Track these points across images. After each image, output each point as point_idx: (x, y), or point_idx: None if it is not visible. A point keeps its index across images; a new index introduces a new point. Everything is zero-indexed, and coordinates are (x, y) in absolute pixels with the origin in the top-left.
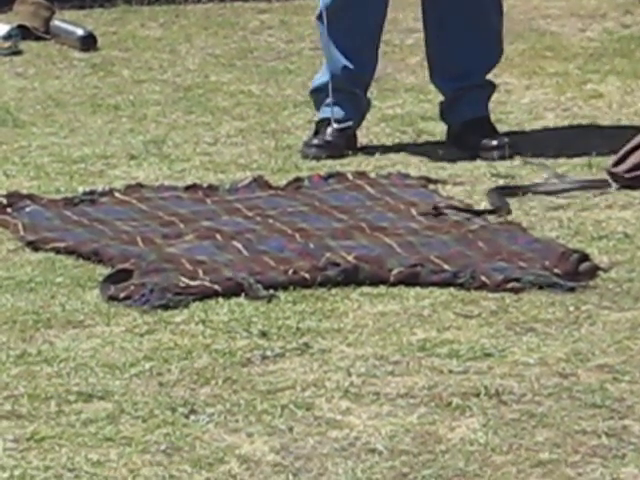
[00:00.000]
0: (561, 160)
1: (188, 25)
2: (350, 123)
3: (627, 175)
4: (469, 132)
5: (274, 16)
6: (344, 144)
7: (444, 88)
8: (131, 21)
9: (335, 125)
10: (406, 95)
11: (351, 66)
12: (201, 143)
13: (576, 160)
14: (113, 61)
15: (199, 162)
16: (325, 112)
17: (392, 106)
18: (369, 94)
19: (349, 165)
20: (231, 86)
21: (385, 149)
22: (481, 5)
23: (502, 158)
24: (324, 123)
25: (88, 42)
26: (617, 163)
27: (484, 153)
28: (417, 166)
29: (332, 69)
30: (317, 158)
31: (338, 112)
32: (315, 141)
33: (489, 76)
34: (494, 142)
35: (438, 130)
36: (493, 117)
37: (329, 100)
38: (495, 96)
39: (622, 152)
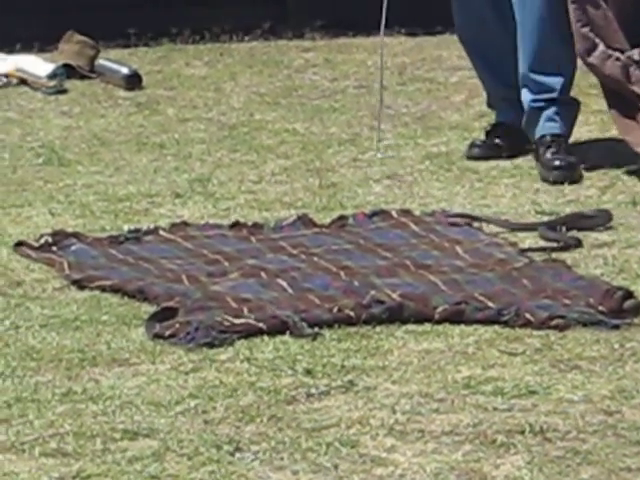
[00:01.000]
0: (605, 197)
1: (233, 63)
2: None
3: None
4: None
5: (318, 54)
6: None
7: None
8: (176, 60)
9: None
10: (450, 133)
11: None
12: (246, 181)
13: (620, 197)
14: (158, 100)
15: (244, 200)
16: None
17: (436, 144)
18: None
19: (394, 203)
20: (276, 124)
21: (429, 187)
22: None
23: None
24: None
25: (133, 81)
26: None
27: (545, 172)
28: (461, 204)
29: None
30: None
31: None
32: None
33: None
34: (557, 162)
35: (482, 168)
36: None
37: None
38: None
39: None
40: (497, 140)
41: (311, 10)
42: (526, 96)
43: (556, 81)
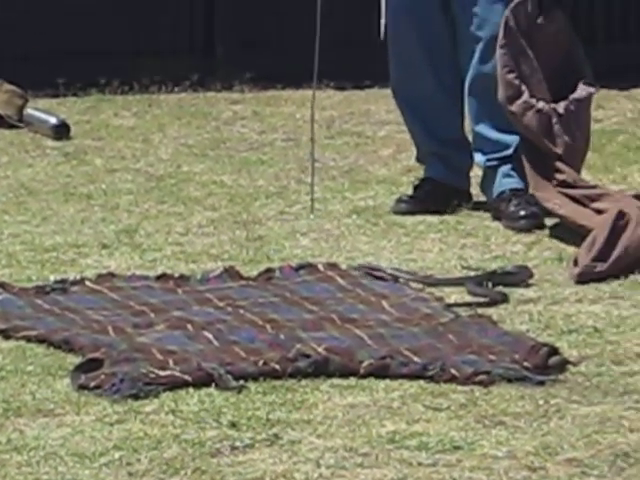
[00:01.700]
0: (531, 253)
1: (161, 115)
2: None
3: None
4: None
5: (247, 107)
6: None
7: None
8: (104, 110)
9: None
10: (378, 187)
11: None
12: (173, 233)
13: (546, 254)
14: (86, 150)
15: (171, 252)
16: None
17: (364, 198)
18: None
19: (320, 256)
20: (203, 176)
21: (356, 241)
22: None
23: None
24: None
25: (61, 131)
26: (597, 259)
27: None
28: (388, 258)
29: None
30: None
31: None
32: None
33: None
34: (522, 212)
35: (409, 223)
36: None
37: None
38: None
39: (598, 248)
40: (424, 195)
41: (240, 62)
42: (479, 157)
43: (510, 139)
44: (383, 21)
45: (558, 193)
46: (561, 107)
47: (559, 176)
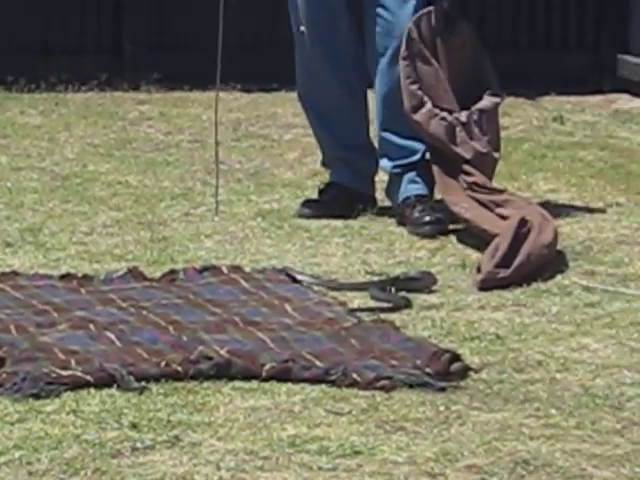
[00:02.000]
0: (435, 259)
1: (67, 113)
2: None
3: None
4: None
5: (154, 107)
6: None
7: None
8: (10, 108)
9: None
10: (283, 190)
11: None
12: (77, 232)
13: (450, 260)
14: None
15: (74, 251)
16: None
17: (269, 201)
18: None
19: (224, 259)
20: (109, 176)
21: (261, 243)
22: None
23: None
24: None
25: None
26: (500, 265)
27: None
28: (292, 262)
29: None
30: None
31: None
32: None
33: None
34: (426, 218)
35: (314, 226)
36: None
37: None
38: None
39: (500, 254)
40: (329, 199)
41: (147, 63)
42: (385, 162)
43: (417, 145)
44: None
45: (467, 197)
46: (464, 116)
47: (468, 179)
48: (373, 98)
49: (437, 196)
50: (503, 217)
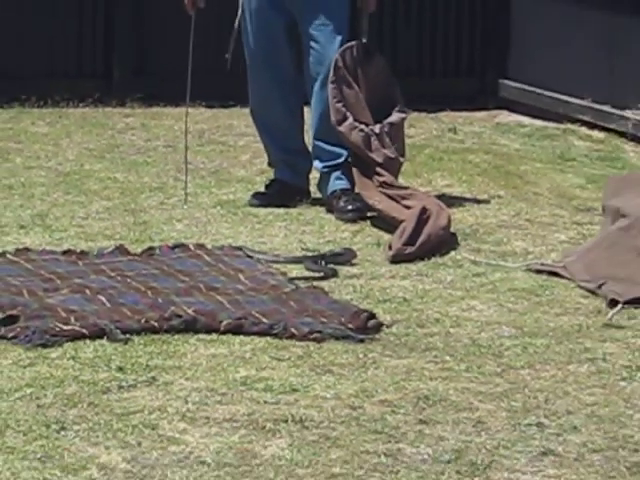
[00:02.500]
0: (356, 239)
1: (69, 124)
2: None
3: (408, 250)
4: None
5: (136, 119)
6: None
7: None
8: (23, 120)
9: None
10: (238, 185)
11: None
12: (76, 217)
13: (368, 240)
14: (9, 151)
15: (74, 232)
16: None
17: (226, 193)
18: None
19: (191, 238)
20: (101, 173)
21: (220, 227)
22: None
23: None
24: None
25: None
26: (406, 244)
27: (341, 215)
28: (244, 241)
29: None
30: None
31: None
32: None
33: None
34: (349, 207)
35: (261, 213)
36: None
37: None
38: None
39: (407, 235)
40: (273, 192)
41: (132, 85)
42: (317, 163)
43: (341, 151)
44: (228, 56)
45: (379, 192)
46: (377, 128)
47: (379, 178)
48: (309, 113)
49: (356, 190)
50: (408, 207)
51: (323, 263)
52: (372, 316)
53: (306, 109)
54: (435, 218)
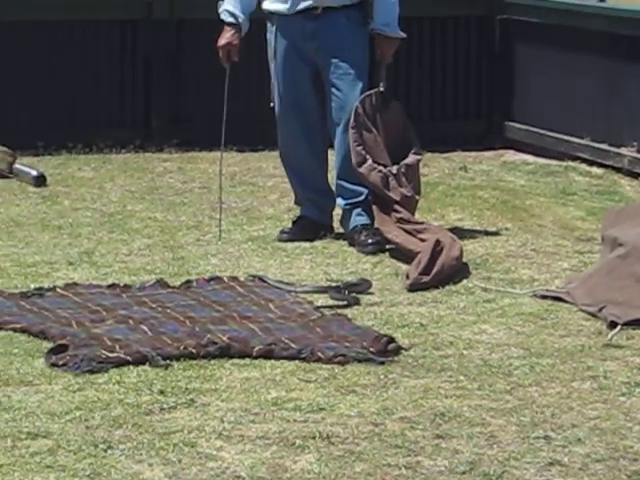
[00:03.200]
0: (376, 270)
1: (112, 169)
2: None
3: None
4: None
5: (174, 164)
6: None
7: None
8: (71, 165)
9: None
10: (267, 222)
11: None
12: (120, 254)
13: (387, 270)
14: (58, 194)
15: (118, 268)
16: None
17: (257, 230)
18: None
19: (225, 271)
20: (142, 213)
21: (251, 260)
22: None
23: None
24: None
25: (40, 180)
26: (422, 273)
27: (362, 248)
28: (274, 273)
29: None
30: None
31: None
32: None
33: None
34: (370, 240)
35: (289, 247)
36: None
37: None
38: None
39: (423, 265)
40: (300, 228)
41: (169, 132)
42: (340, 201)
43: (362, 189)
44: (272, 104)
45: (396, 227)
46: (394, 169)
47: (397, 215)
48: (332, 155)
49: (376, 225)
50: (423, 240)
51: (346, 292)
52: (391, 340)
53: (330, 151)
54: (448, 250)
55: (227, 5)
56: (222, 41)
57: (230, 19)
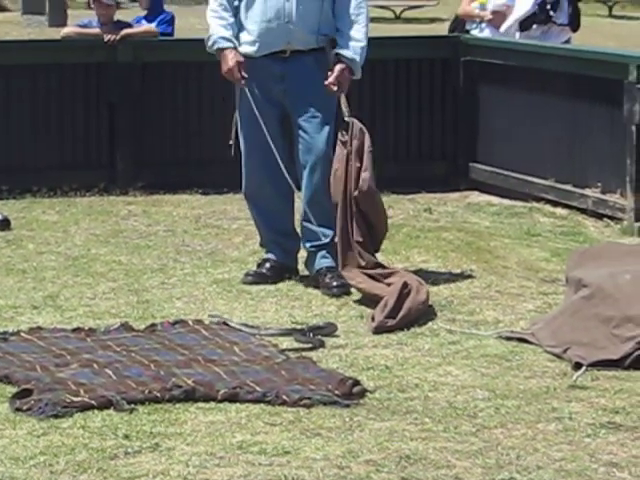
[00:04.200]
0: (341, 312)
1: (77, 212)
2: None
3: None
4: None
5: (138, 207)
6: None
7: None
8: (35, 209)
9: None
10: (232, 264)
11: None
12: (84, 298)
13: (352, 313)
14: (22, 238)
15: (82, 312)
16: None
17: (222, 272)
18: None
19: (190, 315)
20: (107, 257)
21: (216, 303)
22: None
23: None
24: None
25: (4, 224)
26: (388, 316)
27: (327, 291)
28: (238, 316)
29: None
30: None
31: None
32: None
33: None
34: (334, 283)
35: (254, 290)
36: None
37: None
38: None
39: (389, 308)
40: (265, 271)
41: (134, 175)
42: (305, 243)
43: (327, 232)
44: (231, 142)
45: (360, 273)
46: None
47: (360, 261)
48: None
49: (340, 271)
50: (389, 285)
51: (311, 335)
52: (357, 383)
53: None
54: (415, 293)
55: (217, 32)
56: (229, 63)
57: (227, 44)
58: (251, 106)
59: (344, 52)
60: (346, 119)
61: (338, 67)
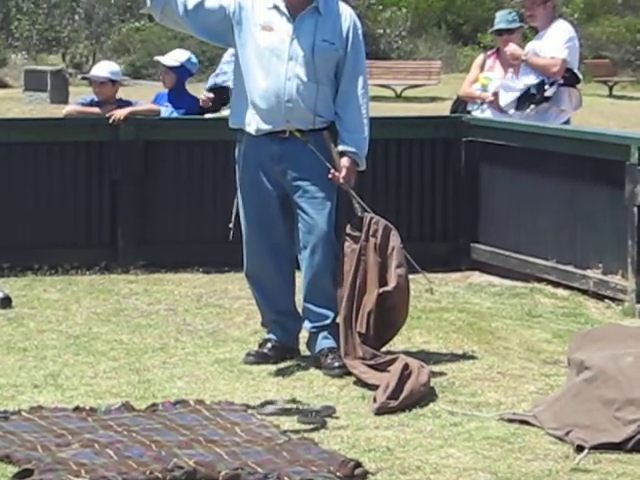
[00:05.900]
0: (343, 392)
1: (78, 290)
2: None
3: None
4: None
5: (139, 285)
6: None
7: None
8: (36, 287)
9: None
10: (233, 344)
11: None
12: (85, 377)
13: (354, 393)
14: (23, 316)
15: (84, 391)
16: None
17: (223, 352)
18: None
19: (191, 395)
20: (108, 336)
21: (217, 383)
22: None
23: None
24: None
25: (5, 302)
26: (390, 398)
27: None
28: (240, 397)
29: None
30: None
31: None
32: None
33: None
34: (335, 364)
35: (255, 370)
36: None
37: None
38: None
39: (391, 390)
40: (266, 351)
41: (135, 254)
42: (307, 324)
43: (329, 313)
44: (231, 225)
45: (361, 364)
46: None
47: (359, 352)
48: (299, 277)
49: (342, 359)
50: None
51: (313, 415)
52: (358, 465)
53: (297, 273)
54: (417, 375)
55: None
56: None
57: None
58: (250, 185)
59: (348, 148)
60: (359, 214)
61: (344, 163)
